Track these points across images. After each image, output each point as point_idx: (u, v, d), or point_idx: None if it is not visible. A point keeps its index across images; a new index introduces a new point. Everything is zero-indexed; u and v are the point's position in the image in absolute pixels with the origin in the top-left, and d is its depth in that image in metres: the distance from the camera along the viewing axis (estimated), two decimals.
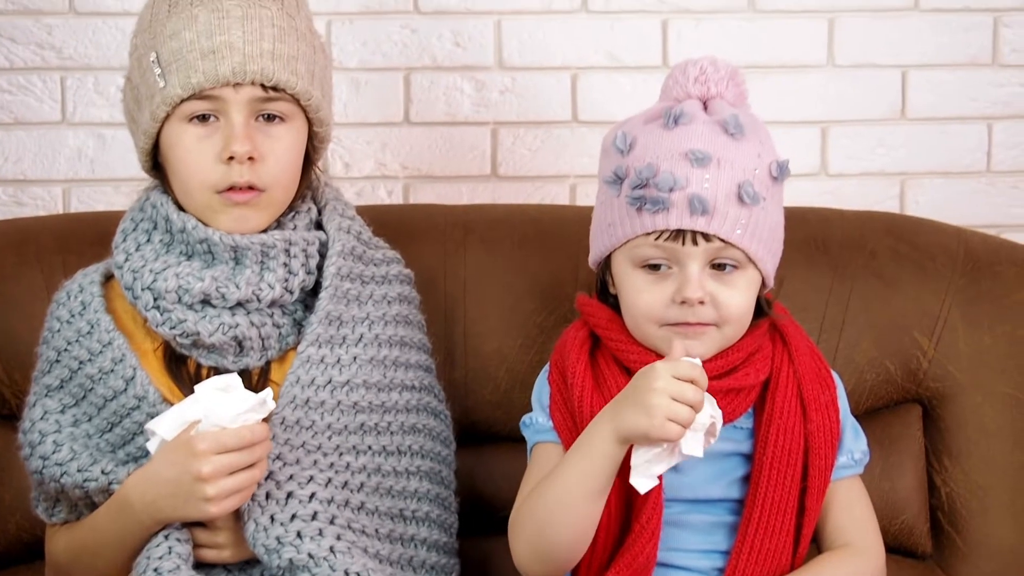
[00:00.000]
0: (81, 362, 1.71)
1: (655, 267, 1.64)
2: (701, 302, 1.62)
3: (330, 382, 1.72)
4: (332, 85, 1.79)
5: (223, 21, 1.67)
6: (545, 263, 1.97)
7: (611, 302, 1.71)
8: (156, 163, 1.75)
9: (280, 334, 1.73)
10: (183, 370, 1.72)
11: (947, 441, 1.94)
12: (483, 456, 1.91)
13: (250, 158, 1.67)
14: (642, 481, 1.57)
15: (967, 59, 2.31)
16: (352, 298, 1.77)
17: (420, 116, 2.29)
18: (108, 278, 1.77)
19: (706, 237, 1.61)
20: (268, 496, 1.65)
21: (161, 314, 1.69)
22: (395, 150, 2.29)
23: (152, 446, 1.62)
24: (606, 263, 1.70)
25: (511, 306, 1.96)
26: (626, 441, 1.57)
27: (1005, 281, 1.97)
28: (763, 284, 1.68)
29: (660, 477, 1.60)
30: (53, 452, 1.68)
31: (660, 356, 1.64)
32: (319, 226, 1.79)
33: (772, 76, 2.30)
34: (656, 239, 1.62)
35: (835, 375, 1.73)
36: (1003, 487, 1.92)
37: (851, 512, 1.71)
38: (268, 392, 1.61)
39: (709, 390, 1.60)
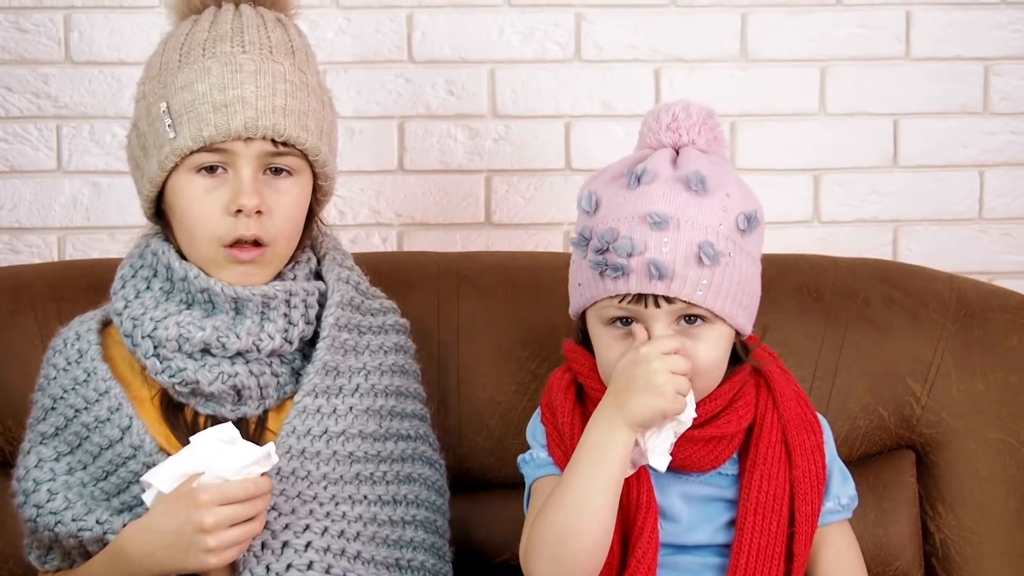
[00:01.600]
0: (77, 410, 1.71)
1: (625, 322, 1.64)
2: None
3: (326, 432, 1.72)
4: (338, 140, 1.81)
5: (236, 75, 1.68)
6: (539, 310, 1.98)
7: (593, 351, 1.72)
8: (158, 210, 1.75)
9: (278, 383, 1.74)
10: (180, 418, 1.72)
11: (941, 487, 1.94)
12: (477, 503, 1.91)
13: (258, 212, 1.68)
14: (661, 460, 1.60)
15: (959, 107, 2.32)
16: (349, 348, 1.77)
17: (414, 164, 2.30)
18: (105, 325, 1.77)
19: (668, 299, 1.62)
20: (264, 546, 1.64)
21: (161, 362, 1.69)
22: (389, 198, 2.30)
23: (148, 498, 1.62)
24: (582, 316, 1.71)
25: (505, 353, 1.96)
26: (642, 426, 1.59)
27: (997, 328, 1.98)
28: (740, 333, 1.68)
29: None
30: (47, 501, 1.68)
31: None
32: (318, 275, 1.80)
33: (765, 124, 2.31)
34: (620, 302, 1.63)
35: (823, 420, 1.74)
36: (997, 533, 1.92)
37: (839, 558, 1.71)
38: (271, 446, 1.61)
39: (692, 438, 1.63)
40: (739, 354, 1.70)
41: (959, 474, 1.93)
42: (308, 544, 1.66)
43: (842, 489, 1.72)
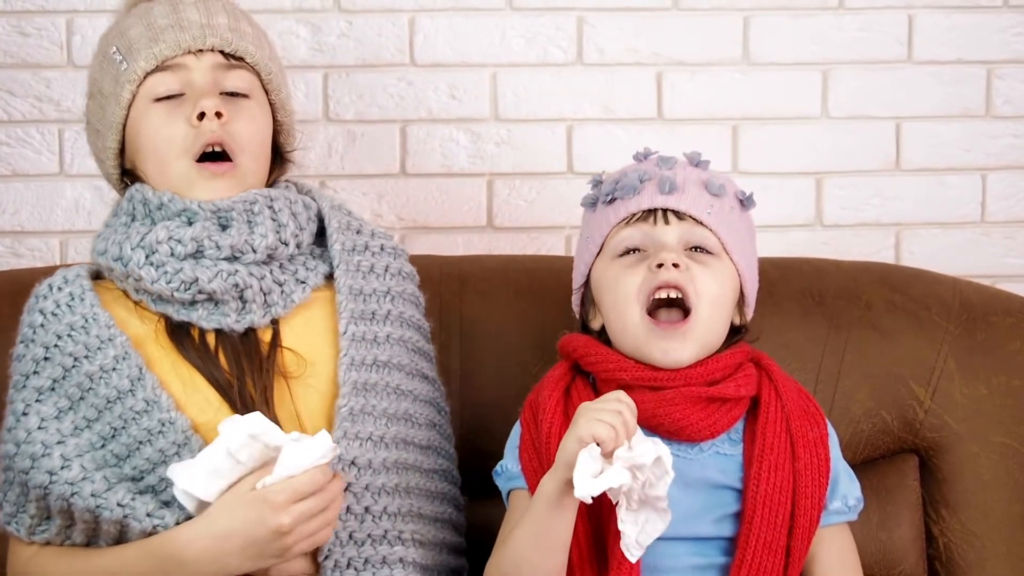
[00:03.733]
0: (76, 359, 1.64)
1: (634, 251, 1.69)
2: (675, 264, 1.65)
3: (375, 361, 1.71)
4: (287, 80, 1.82)
5: (179, 5, 1.72)
6: (541, 314, 1.98)
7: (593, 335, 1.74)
8: (123, 172, 1.75)
9: (282, 290, 1.70)
10: (188, 341, 1.67)
11: (944, 491, 1.94)
12: (480, 508, 1.90)
13: (218, 115, 1.68)
14: (583, 489, 1.52)
15: (961, 111, 2.32)
16: (366, 270, 1.76)
17: (416, 167, 2.29)
18: (93, 278, 1.73)
19: (677, 215, 1.67)
20: (347, 509, 1.63)
21: (156, 269, 1.66)
22: (391, 201, 2.30)
23: (188, 503, 1.57)
24: (587, 293, 1.73)
25: (507, 357, 1.96)
26: (566, 466, 1.55)
27: (1000, 331, 1.98)
28: (742, 301, 1.72)
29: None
30: (62, 467, 1.60)
31: (639, 363, 1.66)
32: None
33: (767, 128, 2.31)
34: (629, 223, 1.68)
35: (824, 417, 1.73)
36: (1000, 537, 1.92)
37: (843, 560, 1.71)
38: (325, 435, 1.56)
39: (694, 397, 1.64)
40: (736, 329, 1.73)
41: (962, 478, 1.93)
42: (384, 509, 1.66)
43: (850, 489, 1.71)
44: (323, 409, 1.68)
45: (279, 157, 1.79)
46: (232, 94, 1.72)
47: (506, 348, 1.97)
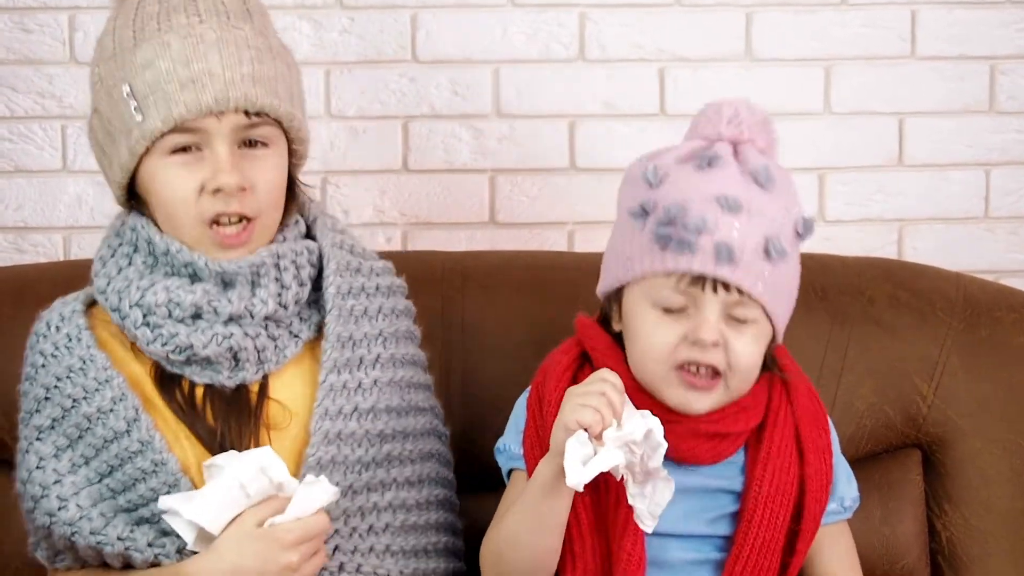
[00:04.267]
0: (75, 400, 1.65)
1: (671, 308, 1.61)
2: (715, 344, 1.60)
3: (355, 409, 1.69)
4: (305, 100, 1.74)
5: (198, 47, 1.61)
6: (544, 310, 1.97)
7: (612, 334, 1.69)
8: (131, 194, 1.70)
9: (276, 347, 1.69)
10: (176, 391, 1.67)
11: (947, 486, 1.94)
12: (481, 502, 1.90)
13: (240, 188, 1.63)
14: (575, 477, 1.52)
15: (964, 106, 2.32)
16: (359, 314, 1.73)
17: (418, 163, 2.29)
18: (89, 307, 1.71)
19: (726, 287, 1.58)
20: None
21: (152, 331, 1.64)
22: (394, 197, 2.30)
23: (188, 533, 1.58)
24: (615, 294, 1.67)
25: (509, 353, 1.96)
26: (555, 452, 1.55)
27: (1004, 327, 1.97)
28: (775, 339, 1.67)
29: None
30: (59, 509, 1.63)
31: (652, 398, 1.64)
32: (309, 236, 1.75)
33: None
34: (677, 282, 1.59)
35: (828, 419, 1.73)
36: (1003, 532, 1.92)
37: (841, 559, 1.71)
38: (326, 482, 1.59)
39: (697, 432, 1.61)
40: (766, 363, 1.67)
41: (966, 473, 1.93)
42: (336, 548, 1.65)
43: (847, 490, 1.72)
44: (295, 458, 1.68)
45: (292, 186, 1.74)
46: (251, 143, 1.66)
47: (508, 344, 1.96)
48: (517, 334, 1.97)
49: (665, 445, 1.53)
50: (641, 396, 1.64)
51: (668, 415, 1.63)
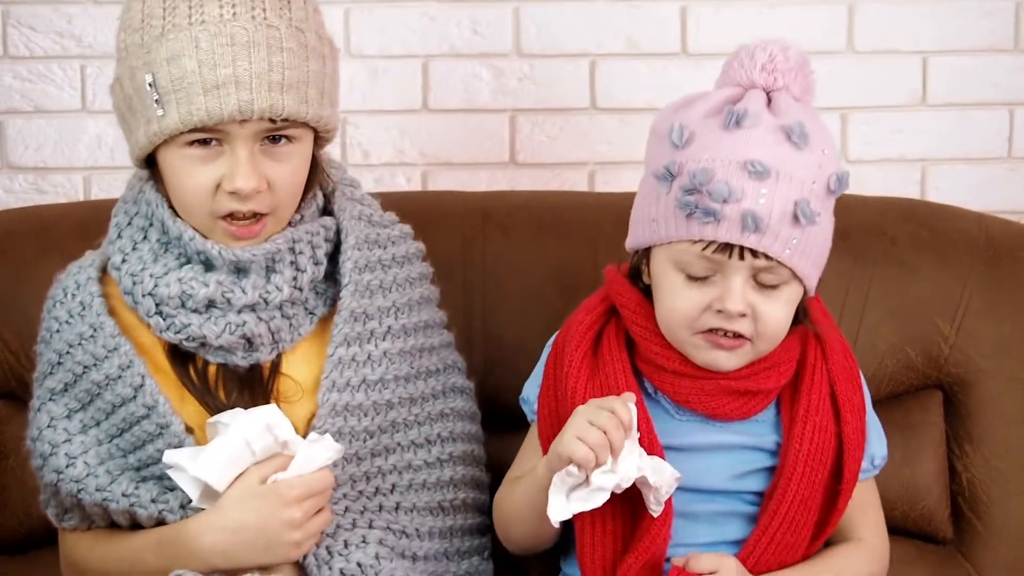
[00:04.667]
0: (85, 367, 1.66)
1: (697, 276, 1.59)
2: (742, 314, 1.58)
3: (363, 382, 1.69)
4: (339, 85, 1.68)
5: (227, 49, 1.55)
6: (564, 250, 1.97)
7: (641, 287, 1.68)
8: (149, 161, 1.66)
9: (291, 326, 1.69)
10: (190, 367, 1.67)
11: (968, 427, 1.94)
12: (503, 443, 1.91)
13: (257, 191, 1.60)
14: (555, 511, 1.54)
15: (988, 45, 2.30)
16: (375, 288, 1.73)
17: (438, 103, 2.28)
18: (104, 272, 1.71)
19: (754, 253, 1.56)
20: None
21: (164, 320, 1.64)
22: (413, 137, 2.29)
23: (191, 490, 1.59)
24: (644, 251, 1.65)
25: (530, 293, 1.96)
26: (547, 465, 1.57)
27: None
28: (804, 292, 1.64)
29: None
30: (67, 466, 1.64)
31: (683, 356, 1.63)
32: (326, 212, 1.73)
33: None
34: (703, 249, 1.56)
35: (861, 377, 1.72)
36: (1023, 473, 1.92)
37: (865, 513, 1.71)
38: (329, 439, 1.60)
39: (726, 388, 1.61)
40: (798, 317, 1.65)
41: (986, 414, 1.93)
42: (346, 509, 1.67)
43: (878, 448, 1.71)
44: (304, 429, 1.67)
45: (314, 167, 1.69)
46: (276, 139, 1.61)
47: (529, 284, 1.96)
48: (537, 274, 1.97)
49: (659, 487, 1.55)
50: (671, 352, 1.64)
51: (697, 372, 1.63)
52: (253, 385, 1.68)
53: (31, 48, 2.26)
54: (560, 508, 1.54)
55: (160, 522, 1.64)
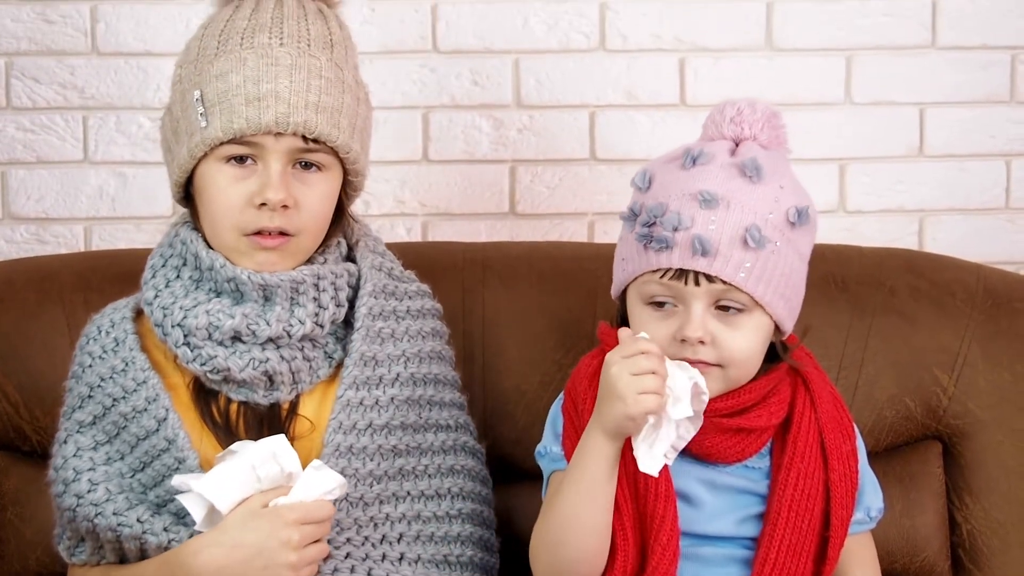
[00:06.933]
0: (115, 399, 1.71)
1: (661, 304, 1.64)
2: (701, 341, 1.62)
3: (370, 426, 1.73)
4: (371, 136, 1.79)
5: (272, 68, 1.67)
6: (563, 300, 1.98)
7: None
8: (187, 194, 1.75)
9: (311, 367, 1.73)
10: (213, 405, 1.72)
11: (968, 478, 1.94)
12: (502, 494, 1.91)
13: (284, 206, 1.67)
14: (649, 464, 1.57)
15: (985, 96, 2.31)
16: (386, 336, 1.77)
17: (439, 154, 2.30)
18: (138, 313, 1.77)
19: (709, 278, 1.61)
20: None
21: (191, 351, 1.69)
22: (414, 188, 2.30)
23: (196, 512, 1.61)
24: (623, 296, 1.70)
25: (529, 343, 1.96)
26: (616, 435, 1.58)
27: None
28: (781, 329, 1.67)
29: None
30: (88, 491, 1.68)
31: None
32: (350, 259, 1.80)
33: (790, 113, 2.26)
34: (661, 277, 1.63)
35: (855, 428, 1.73)
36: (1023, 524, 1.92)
37: (865, 568, 1.71)
38: (330, 470, 1.63)
39: (719, 427, 1.63)
40: (777, 352, 1.69)
41: (986, 465, 1.93)
42: (347, 555, 1.68)
43: (873, 500, 1.72)
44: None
45: (340, 211, 1.78)
46: (306, 164, 1.70)
47: (529, 334, 1.97)
48: (537, 325, 1.97)
49: (707, 395, 1.59)
50: None
51: None
52: (272, 424, 1.72)
53: (34, 99, 2.27)
54: (655, 462, 1.57)
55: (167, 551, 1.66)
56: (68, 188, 2.29)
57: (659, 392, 1.56)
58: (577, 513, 1.61)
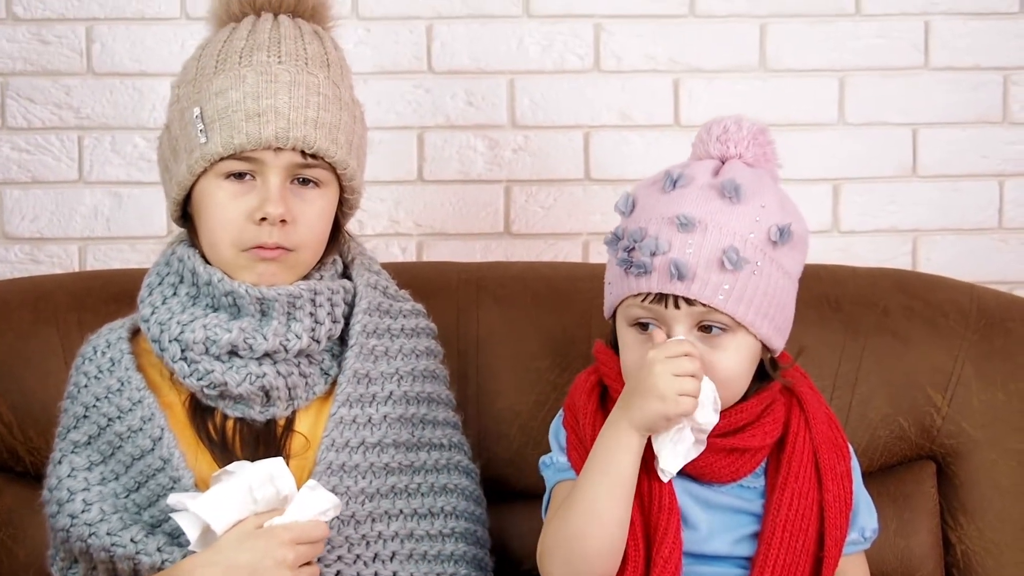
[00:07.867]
0: (110, 419, 1.71)
1: (644, 326, 1.65)
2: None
3: (362, 443, 1.73)
4: (366, 154, 1.81)
5: (271, 85, 1.69)
6: (558, 320, 1.98)
7: None
8: (184, 213, 1.76)
9: (307, 384, 1.74)
10: (209, 422, 1.72)
11: (962, 498, 1.94)
12: (496, 514, 1.91)
13: (282, 221, 1.69)
14: (672, 462, 1.61)
15: (977, 117, 2.32)
16: (380, 354, 1.78)
17: (433, 174, 2.30)
18: (134, 333, 1.77)
19: (688, 301, 1.62)
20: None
21: (188, 365, 1.70)
22: (408, 208, 2.30)
23: (191, 531, 1.61)
24: (613, 318, 1.71)
25: (524, 364, 1.96)
26: (645, 430, 1.60)
27: (1018, 337, 1.97)
28: (769, 348, 1.68)
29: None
30: (82, 511, 1.68)
31: None
32: (345, 276, 1.81)
33: (784, 134, 2.28)
34: (642, 301, 1.64)
35: (850, 448, 1.73)
36: (1018, 544, 1.92)
37: None
38: (325, 491, 1.64)
39: (713, 447, 1.63)
40: (767, 371, 1.69)
41: (980, 485, 1.93)
42: (338, 573, 1.68)
43: (868, 521, 1.72)
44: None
45: (336, 229, 1.79)
46: (304, 181, 1.72)
47: (523, 355, 1.97)
48: (531, 345, 1.97)
49: (719, 408, 1.62)
50: None
51: None
52: (268, 441, 1.72)
53: (29, 119, 2.27)
54: (677, 459, 1.62)
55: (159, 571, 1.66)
56: (63, 208, 2.29)
57: (696, 396, 1.59)
58: (602, 506, 1.61)
